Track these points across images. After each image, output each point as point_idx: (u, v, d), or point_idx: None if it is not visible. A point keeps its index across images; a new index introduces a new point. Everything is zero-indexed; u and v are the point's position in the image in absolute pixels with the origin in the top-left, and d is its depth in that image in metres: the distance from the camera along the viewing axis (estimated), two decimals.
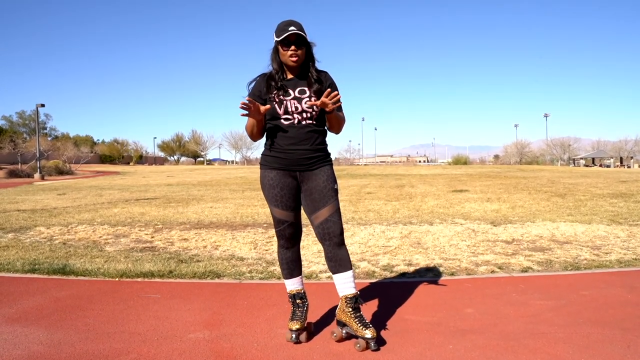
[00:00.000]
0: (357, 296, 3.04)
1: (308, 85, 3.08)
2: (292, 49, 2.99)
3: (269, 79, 3.11)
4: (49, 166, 39.35)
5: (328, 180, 3.09)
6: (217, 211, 10.45)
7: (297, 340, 3.05)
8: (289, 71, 3.13)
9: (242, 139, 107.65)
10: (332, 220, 3.04)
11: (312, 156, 3.08)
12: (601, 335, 3.12)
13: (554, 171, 34.70)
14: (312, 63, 3.13)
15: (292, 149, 3.05)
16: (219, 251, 6.00)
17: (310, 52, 3.11)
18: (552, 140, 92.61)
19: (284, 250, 3.20)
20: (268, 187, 3.11)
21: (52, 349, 2.99)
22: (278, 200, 3.09)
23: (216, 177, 28.74)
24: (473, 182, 20.30)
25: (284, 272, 3.21)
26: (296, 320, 3.09)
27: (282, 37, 2.96)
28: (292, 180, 3.10)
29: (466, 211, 9.88)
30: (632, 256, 5.37)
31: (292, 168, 3.08)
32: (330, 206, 3.05)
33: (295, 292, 3.20)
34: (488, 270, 4.89)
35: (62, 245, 6.50)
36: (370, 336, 2.91)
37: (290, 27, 2.95)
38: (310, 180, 3.10)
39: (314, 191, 3.08)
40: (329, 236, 3.04)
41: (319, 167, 3.11)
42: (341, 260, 3.05)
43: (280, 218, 3.11)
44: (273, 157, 3.10)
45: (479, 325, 3.35)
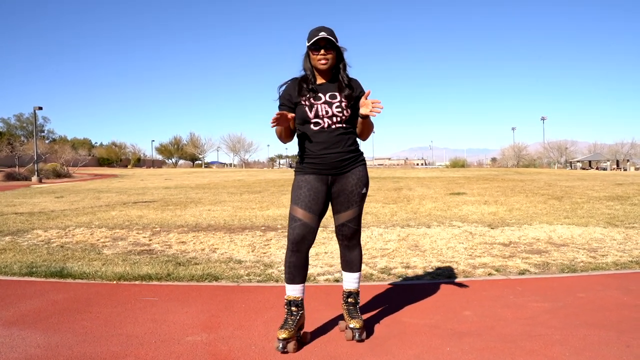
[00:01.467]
0: (352, 292, 3.28)
1: (339, 89, 3.15)
2: (321, 53, 3.07)
3: (301, 83, 3.17)
4: (47, 169, 39.30)
5: (358, 183, 3.17)
6: (215, 214, 10.44)
7: (283, 350, 2.94)
8: (320, 75, 3.19)
9: (240, 142, 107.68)
10: (349, 226, 3.21)
11: (344, 158, 3.14)
12: (598, 337, 3.13)
13: (551, 174, 34.76)
14: (343, 68, 3.19)
15: (324, 153, 3.10)
16: (216, 254, 6.01)
17: (341, 57, 3.18)
18: (549, 143, 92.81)
19: (290, 253, 3.11)
20: (296, 188, 3.14)
21: (49, 352, 2.99)
22: (300, 199, 3.08)
23: (214, 180, 28.72)
24: (470, 184, 20.32)
25: (286, 275, 3.14)
26: (285, 329, 2.99)
27: (311, 41, 3.06)
28: (321, 186, 3.13)
29: (464, 214, 9.90)
30: (629, 258, 5.39)
31: (325, 172, 3.13)
32: (351, 211, 3.18)
33: (292, 298, 3.12)
34: (485, 272, 4.90)
35: (59, 248, 6.49)
36: (353, 326, 3.12)
37: (320, 32, 3.04)
38: (340, 183, 3.17)
39: (342, 194, 3.17)
40: (342, 238, 3.27)
41: (351, 169, 3.18)
42: (350, 262, 3.30)
43: (295, 215, 3.07)
44: (306, 163, 3.15)
45: (476, 327, 3.36)
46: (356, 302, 3.28)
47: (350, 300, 3.27)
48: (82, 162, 57.51)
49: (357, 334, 3.11)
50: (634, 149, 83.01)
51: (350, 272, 3.30)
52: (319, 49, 3.07)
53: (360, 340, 3.10)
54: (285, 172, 48.95)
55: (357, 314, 3.22)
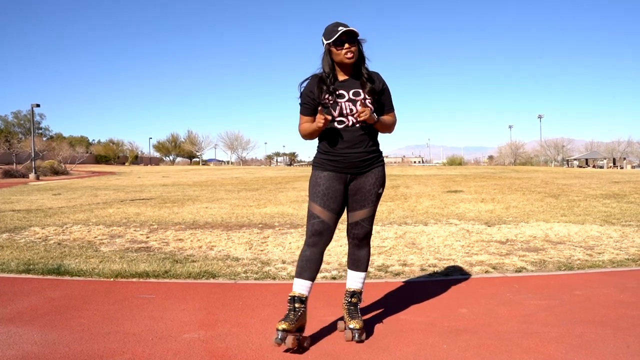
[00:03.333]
0: (356, 292, 3.27)
1: (361, 86, 3.12)
2: (346, 47, 3.02)
3: (320, 82, 3.12)
4: (44, 166, 39.21)
5: (375, 183, 3.19)
6: (213, 211, 10.44)
7: (281, 342, 2.87)
8: (342, 72, 3.15)
9: (237, 140, 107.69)
10: (362, 225, 3.22)
11: (365, 159, 3.15)
12: (594, 334, 3.15)
13: (548, 172, 34.81)
14: (362, 62, 3.16)
15: (346, 152, 3.11)
16: (214, 251, 6.01)
17: (361, 51, 3.14)
18: (546, 142, 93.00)
19: (306, 247, 3.15)
20: (314, 184, 3.15)
21: (46, 349, 2.99)
22: (319, 197, 3.10)
23: (212, 178, 28.70)
24: (467, 182, 20.35)
25: (297, 268, 3.14)
26: (286, 321, 2.93)
27: (334, 37, 3.00)
28: (339, 184, 3.14)
29: (461, 212, 9.91)
30: (625, 256, 5.41)
31: (345, 171, 3.14)
32: (366, 210, 3.20)
33: (297, 294, 3.06)
34: (482, 270, 4.91)
35: (57, 245, 6.48)
36: (352, 326, 3.10)
37: (339, 27, 3.00)
38: (358, 181, 3.18)
39: (359, 192, 3.18)
40: (353, 236, 3.27)
41: (370, 169, 3.19)
42: (357, 261, 3.30)
43: (315, 213, 3.11)
44: (327, 159, 3.15)
45: (473, 325, 3.37)
46: (358, 303, 3.26)
47: (354, 300, 3.24)
48: (80, 159, 57.37)
49: (357, 335, 3.08)
50: (630, 147, 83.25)
51: (357, 270, 3.29)
52: (342, 44, 3.02)
53: (359, 341, 3.08)
54: (282, 170, 48.94)
55: (357, 315, 3.19)
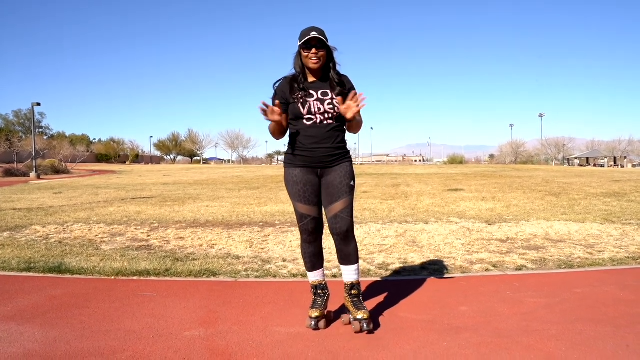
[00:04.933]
0: (354, 284, 3.33)
1: (330, 88, 3.27)
2: (312, 52, 3.19)
3: (292, 81, 3.29)
4: (45, 165, 39.23)
5: (345, 176, 3.29)
6: (213, 210, 10.45)
7: (316, 327, 3.23)
8: (311, 74, 3.31)
9: (238, 138, 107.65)
10: (341, 217, 3.25)
11: (333, 154, 3.29)
12: (594, 332, 3.15)
13: (549, 171, 34.80)
14: (333, 67, 3.31)
15: (314, 147, 3.25)
16: (214, 250, 6.01)
17: (331, 57, 3.29)
18: (547, 140, 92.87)
19: (306, 245, 3.36)
20: (292, 184, 3.31)
21: (47, 347, 3.00)
22: (301, 196, 3.28)
23: (212, 176, 28.71)
24: (468, 181, 20.35)
25: (307, 265, 3.40)
26: (316, 309, 3.28)
27: (303, 40, 3.17)
28: (314, 177, 3.31)
29: (461, 210, 9.92)
30: (625, 254, 5.41)
31: (314, 165, 3.29)
32: (342, 201, 3.26)
33: (317, 283, 3.38)
34: (483, 268, 4.92)
35: (58, 243, 6.49)
36: (361, 317, 3.18)
37: (311, 32, 3.16)
38: (329, 176, 3.30)
39: (331, 186, 3.28)
40: (336, 231, 3.28)
41: (338, 163, 3.31)
42: (346, 255, 3.33)
43: (304, 213, 3.29)
44: (296, 155, 3.30)
45: (473, 322, 3.38)
46: (359, 293, 3.35)
47: (354, 292, 3.33)
48: (81, 158, 57.38)
49: (365, 325, 3.17)
50: (631, 146, 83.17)
51: (349, 264, 3.34)
52: (310, 48, 3.19)
53: (368, 330, 3.17)
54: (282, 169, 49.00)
55: (362, 305, 3.29)
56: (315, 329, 3.23)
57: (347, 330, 3.26)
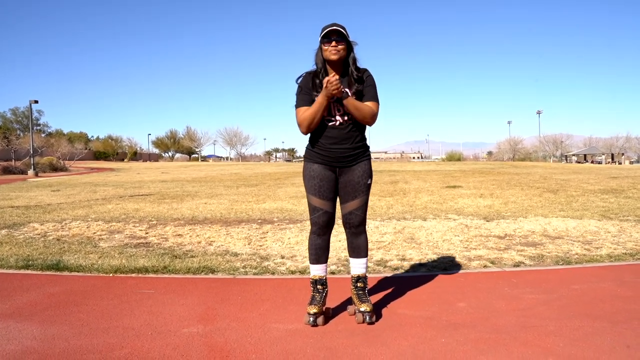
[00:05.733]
0: (361, 276, 3.43)
1: (349, 85, 3.28)
2: (332, 45, 3.20)
3: (314, 77, 3.32)
4: (43, 163, 39.19)
5: (363, 175, 3.37)
6: (212, 207, 10.45)
7: (314, 324, 3.26)
8: (332, 69, 3.31)
9: (236, 136, 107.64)
10: (356, 214, 3.39)
11: (351, 154, 3.35)
12: (591, 328, 3.16)
13: (547, 167, 34.84)
14: (352, 62, 3.32)
15: (333, 147, 3.31)
16: (213, 247, 6.02)
17: (351, 52, 3.31)
18: (545, 137, 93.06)
19: (315, 237, 3.41)
20: (309, 178, 3.37)
21: (45, 344, 3.00)
22: (317, 190, 3.34)
23: (210, 174, 28.69)
24: (466, 178, 20.37)
25: (312, 257, 3.43)
26: (314, 305, 3.31)
27: (323, 33, 3.21)
28: (331, 174, 3.36)
29: (459, 207, 9.93)
30: (623, 251, 5.42)
31: (332, 164, 3.35)
32: (358, 200, 3.37)
33: (317, 277, 3.41)
34: (481, 265, 4.93)
35: (56, 241, 6.49)
36: (364, 309, 3.30)
37: (332, 26, 3.19)
38: (347, 174, 3.37)
39: (348, 185, 3.37)
40: (349, 226, 3.43)
41: (357, 162, 3.37)
42: (357, 249, 3.45)
43: (317, 206, 3.35)
44: (316, 153, 3.36)
45: (471, 319, 3.39)
46: (365, 287, 3.45)
47: (360, 285, 3.43)
48: (79, 155, 57.35)
49: (368, 317, 3.28)
50: (628, 143, 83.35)
51: (358, 257, 3.45)
52: (330, 41, 3.21)
53: (370, 322, 3.27)
54: (281, 166, 48.95)
55: (366, 298, 3.39)
56: (314, 325, 3.26)
57: (346, 326, 3.27)
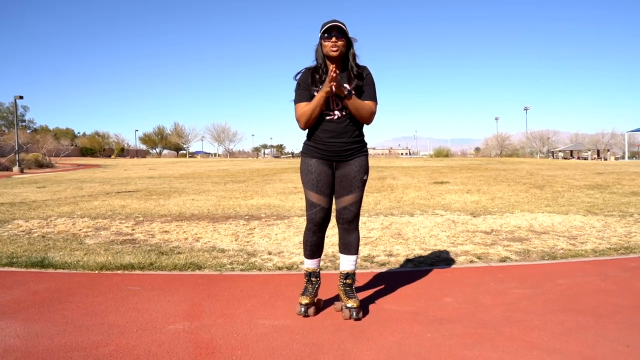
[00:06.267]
0: (350, 273, 3.46)
1: (348, 81, 3.30)
2: (332, 41, 3.23)
3: (313, 73, 3.34)
4: (29, 159, 38.75)
5: (359, 171, 3.40)
6: (199, 203, 10.40)
7: (305, 314, 3.34)
8: (332, 65, 3.27)
9: (224, 132, 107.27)
10: (350, 209, 3.40)
11: (349, 148, 3.37)
12: (575, 322, 3.19)
13: (533, 163, 35.10)
14: (352, 58, 3.35)
15: (331, 141, 3.33)
16: (200, 243, 5.99)
17: (350, 48, 3.33)
18: (532, 133, 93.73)
19: (310, 234, 3.42)
20: (306, 173, 3.39)
21: (29, 342, 2.97)
22: (314, 185, 3.36)
23: (198, 170, 28.58)
24: (454, 174, 20.45)
25: (307, 252, 3.47)
26: (306, 296, 3.39)
27: (323, 29, 3.24)
28: (328, 169, 3.38)
29: (447, 202, 9.97)
30: (607, 245, 5.48)
31: (330, 158, 3.37)
32: (353, 196, 3.39)
33: (312, 270, 3.48)
34: (467, 260, 4.95)
35: (41, 238, 6.42)
36: (350, 305, 3.32)
37: (332, 22, 3.22)
38: (343, 168, 3.39)
39: (345, 179, 3.38)
40: (342, 221, 3.45)
41: (354, 157, 3.40)
42: (348, 245, 3.46)
43: (314, 201, 3.37)
44: (313, 147, 3.38)
45: (457, 314, 3.40)
46: (353, 283, 3.48)
47: (348, 282, 3.45)
48: (65, 152, 56.76)
49: (355, 313, 3.31)
50: (614, 139, 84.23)
51: (349, 254, 3.47)
52: (330, 37, 3.23)
53: (357, 319, 3.29)
54: (269, 162, 48.85)
55: (353, 294, 3.42)
56: (305, 315, 3.33)
57: (332, 322, 3.27)
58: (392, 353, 2.77)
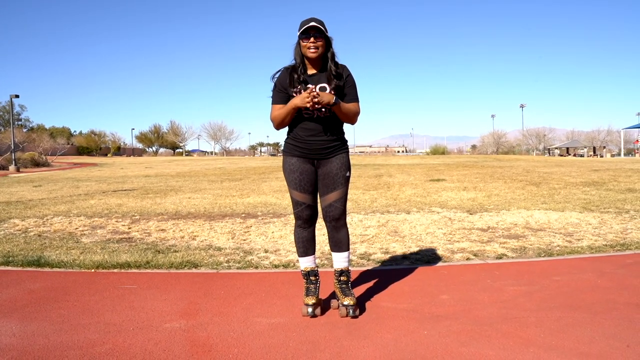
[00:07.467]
0: (344, 270, 3.45)
1: (328, 80, 3.30)
2: (311, 41, 3.21)
3: (292, 72, 3.32)
4: (25, 158, 38.61)
5: (341, 167, 3.39)
6: (195, 202, 10.39)
7: (313, 314, 3.29)
8: (310, 65, 3.34)
9: (220, 130, 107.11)
10: (335, 206, 3.39)
11: (329, 146, 3.37)
12: (571, 318, 3.20)
13: (530, 161, 35.16)
14: (331, 57, 3.33)
15: (311, 139, 3.34)
16: (196, 241, 5.98)
17: (329, 47, 3.31)
18: (528, 131, 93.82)
19: (300, 230, 3.45)
20: (289, 172, 3.40)
21: (25, 341, 2.96)
22: (297, 184, 3.37)
23: (195, 168, 28.54)
24: (450, 171, 20.48)
25: (300, 250, 3.47)
26: (311, 296, 3.35)
27: (302, 29, 3.21)
28: (310, 167, 3.39)
29: (443, 200, 9.98)
30: (603, 242, 5.49)
31: (310, 156, 3.37)
32: (337, 192, 3.39)
33: (309, 269, 3.45)
34: (463, 257, 4.96)
35: (37, 237, 6.41)
36: (347, 303, 3.30)
37: (310, 22, 3.19)
38: (325, 166, 3.39)
39: (327, 177, 3.38)
40: (329, 219, 3.43)
41: (335, 155, 3.40)
42: (338, 242, 3.45)
43: (299, 200, 3.39)
44: (294, 145, 3.39)
45: (453, 311, 3.40)
46: (348, 280, 3.46)
47: (343, 279, 3.44)
48: (61, 151, 56.63)
49: (351, 311, 3.29)
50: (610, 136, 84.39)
51: (340, 251, 3.46)
52: (309, 37, 3.21)
53: (354, 316, 3.29)
54: (266, 160, 48.81)
55: (349, 292, 3.39)
56: (312, 316, 3.30)
57: (328, 319, 3.27)
58: (388, 350, 2.78)
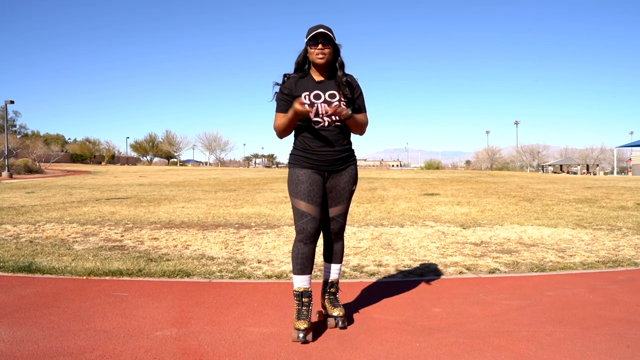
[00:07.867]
0: (334, 282, 3.45)
1: (337, 88, 3.24)
2: (319, 48, 3.16)
3: (300, 79, 3.30)
4: (18, 164, 38.47)
5: (349, 181, 3.37)
6: (189, 211, 10.36)
7: (304, 340, 3.03)
8: (318, 72, 3.29)
9: (215, 141, 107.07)
10: (337, 220, 3.38)
11: (340, 157, 3.30)
12: (563, 333, 3.20)
13: (523, 177, 35.28)
14: (340, 65, 3.29)
15: (322, 150, 3.24)
16: (189, 250, 5.96)
17: (337, 54, 3.27)
18: (522, 147, 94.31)
19: (301, 245, 3.19)
20: (296, 183, 3.22)
21: (14, 347, 2.93)
22: (306, 195, 3.18)
23: (189, 178, 28.47)
24: (444, 186, 20.52)
25: (297, 267, 3.19)
26: (303, 320, 3.09)
27: (310, 36, 3.17)
28: (320, 178, 3.27)
29: (437, 214, 9.99)
30: (595, 258, 5.51)
31: (321, 167, 3.27)
32: (340, 207, 3.37)
33: (303, 289, 3.20)
34: (456, 271, 4.96)
35: (28, 243, 6.37)
36: (336, 314, 3.31)
37: (318, 29, 3.15)
38: (334, 179, 3.33)
39: (334, 190, 3.34)
40: (329, 231, 3.41)
41: (345, 167, 3.35)
42: (334, 254, 3.45)
43: (304, 211, 3.18)
44: (304, 157, 3.26)
45: (445, 324, 3.40)
46: (337, 292, 3.46)
47: (332, 290, 3.44)
48: (55, 158, 56.41)
49: (340, 322, 3.29)
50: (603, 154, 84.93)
51: (334, 263, 3.45)
52: (317, 44, 3.17)
53: (343, 327, 3.27)
54: (260, 172, 48.74)
55: (338, 303, 3.40)
56: (304, 342, 3.03)
57: (319, 330, 3.26)
58: None
